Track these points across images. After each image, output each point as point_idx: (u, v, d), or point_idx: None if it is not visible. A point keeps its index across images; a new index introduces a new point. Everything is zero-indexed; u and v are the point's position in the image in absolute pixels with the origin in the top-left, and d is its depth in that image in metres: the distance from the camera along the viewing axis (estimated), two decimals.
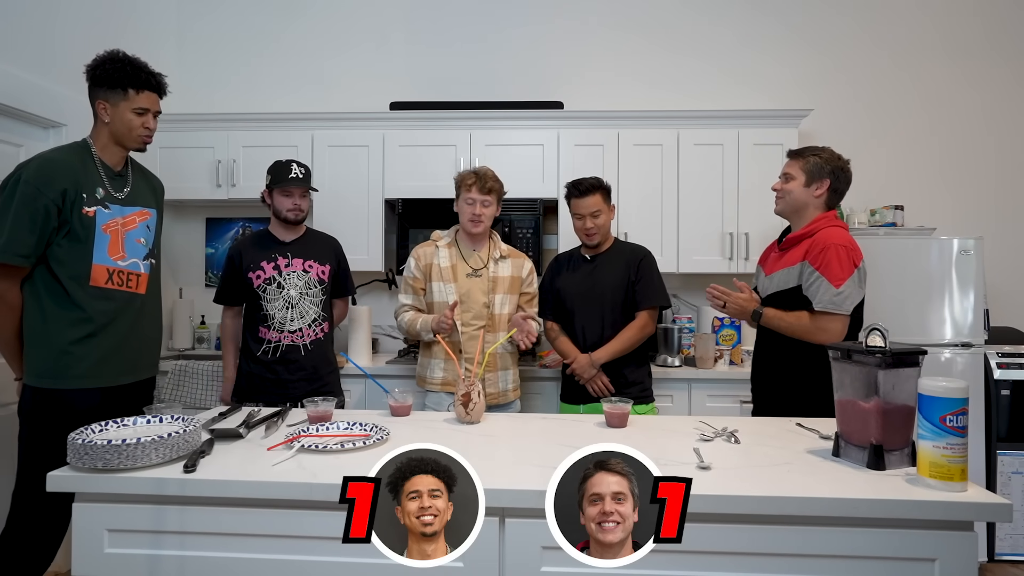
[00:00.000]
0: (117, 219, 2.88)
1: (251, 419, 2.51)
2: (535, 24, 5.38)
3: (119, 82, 2.86)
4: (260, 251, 3.55)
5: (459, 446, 1.80)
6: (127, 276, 2.90)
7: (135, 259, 2.94)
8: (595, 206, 3.50)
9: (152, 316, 3.09)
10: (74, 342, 2.76)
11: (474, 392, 2.65)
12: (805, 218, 3.09)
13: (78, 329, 2.76)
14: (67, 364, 2.75)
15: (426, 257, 3.55)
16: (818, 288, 2.88)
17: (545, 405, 4.35)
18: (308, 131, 4.90)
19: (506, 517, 1.83)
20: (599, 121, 4.82)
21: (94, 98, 2.90)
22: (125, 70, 2.86)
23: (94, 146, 2.91)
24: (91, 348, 2.79)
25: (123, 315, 2.89)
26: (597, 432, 2.50)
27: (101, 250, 2.81)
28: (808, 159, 3.08)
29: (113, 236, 2.85)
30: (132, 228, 2.94)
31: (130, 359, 2.94)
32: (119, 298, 2.87)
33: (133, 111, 2.89)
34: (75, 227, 2.74)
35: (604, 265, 3.59)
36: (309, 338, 3.52)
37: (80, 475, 1.92)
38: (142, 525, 1.90)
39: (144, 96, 2.92)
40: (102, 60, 2.88)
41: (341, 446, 2.19)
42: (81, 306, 2.76)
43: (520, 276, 3.58)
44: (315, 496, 1.84)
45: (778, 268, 3.10)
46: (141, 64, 2.93)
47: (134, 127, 2.91)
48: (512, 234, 4.82)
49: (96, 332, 2.80)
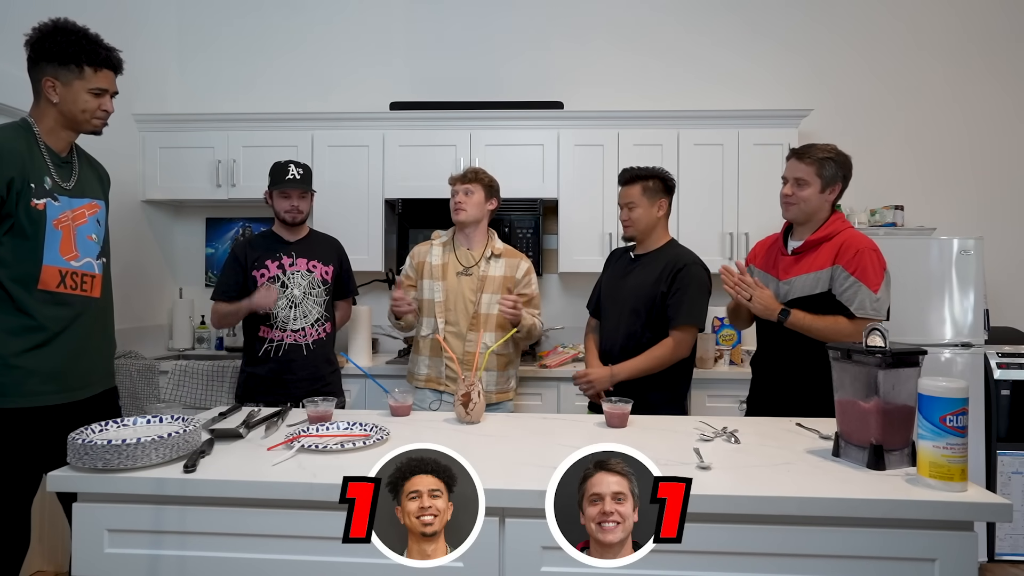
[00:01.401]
0: (67, 213, 2.53)
1: (251, 419, 2.51)
2: (535, 24, 5.39)
3: (73, 58, 2.52)
4: (265, 250, 3.56)
5: (459, 446, 1.80)
6: (81, 278, 2.57)
7: (88, 258, 2.60)
8: (630, 197, 3.30)
9: (106, 322, 2.77)
10: (19, 354, 2.41)
11: (474, 392, 2.64)
12: (815, 221, 3.01)
13: (25, 339, 2.42)
14: (14, 379, 2.41)
15: (420, 255, 3.56)
16: (856, 293, 2.82)
17: (545, 406, 4.35)
18: (308, 131, 4.90)
19: (506, 517, 1.83)
20: (599, 121, 4.82)
21: (40, 74, 2.54)
22: (80, 44, 2.53)
23: (36, 127, 2.55)
24: (41, 360, 2.46)
25: (78, 322, 2.57)
26: (597, 432, 2.50)
27: (52, 249, 2.47)
28: (823, 163, 2.94)
29: (65, 233, 2.51)
30: (83, 223, 2.59)
31: (85, 371, 2.63)
32: (73, 303, 2.55)
33: (89, 91, 2.56)
34: (21, 222, 2.40)
35: (642, 268, 3.33)
36: (311, 338, 3.52)
37: (80, 475, 1.92)
38: (142, 525, 1.90)
39: (102, 75, 2.59)
40: (50, 31, 2.54)
41: (341, 446, 2.18)
42: (29, 312, 2.42)
43: (514, 276, 3.52)
44: (315, 496, 1.84)
45: (798, 273, 2.98)
46: (96, 38, 2.59)
47: (90, 109, 2.58)
48: (512, 234, 4.82)
49: (47, 342, 2.47)
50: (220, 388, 4.37)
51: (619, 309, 3.33)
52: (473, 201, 3.46)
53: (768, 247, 3.23)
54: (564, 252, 4.83)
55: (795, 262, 3.02)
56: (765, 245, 3.26)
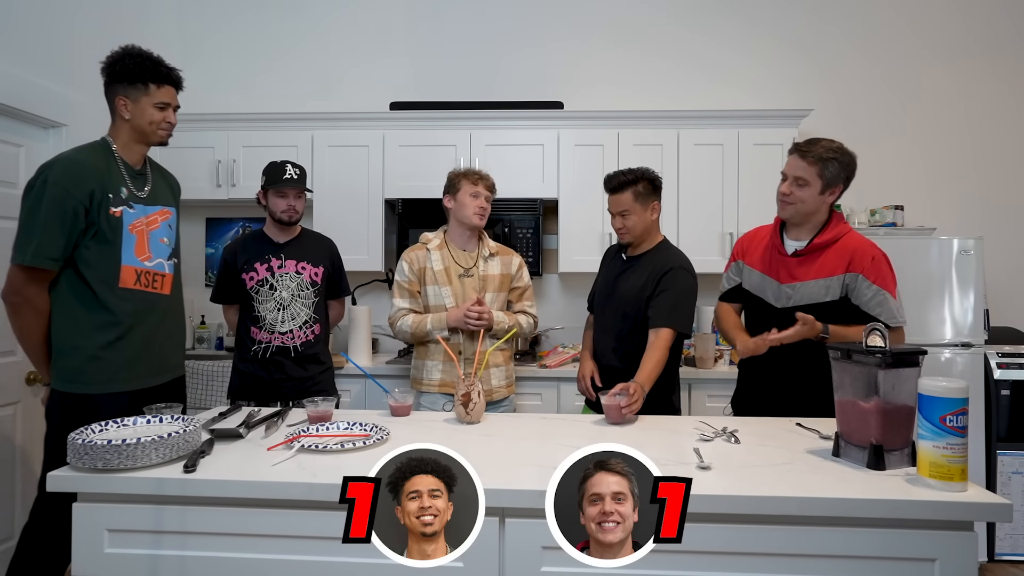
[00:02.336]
0: (141, 219, 2.84)
1: (251, 419, 2.51)
2: (535, 24, 5.39)
3: (139, 76, 2.81)
4: (254, 252, 3.54)
5: (459, 446, 1.80)
6: (153, 277, 2.87)
7: (160, 259, 2.91)
8: (623, 205, 3.21)
9: (176, 316, 3.06)
10: (103, 346, 2.72)
11: (474, 392, 2.64)
12: (814, 222, 2.89)
13: (107, 333, 2.73)
14: (97, 368, 2.71)
15: (419, 261, 3.52)
16: (884, 303, 2.75)
17: (545, 406, 4.36)
18: (308, 131, 4.91)
19: (506, 517, 1.83)
20: (599, 121, 4.83)
21: (113, 95, 2.84)
22: (145, 64, 2.82)
23: (114, 144, 2.86)
24: (119, 351, 2.75)
25: (149, 316, 2.85)
26: (597, 432, 2.50)
27: (129, 251, 2.78)
28: (826, 163, 2.77)
29: (139, 236, 2.82)
30: (155, 227, 2.91)
31: (157, 361, 2.91)
32: (145, 299, 2.84)
33: (155, 106, 2.85)
34: (102, 228, 2.70)
35: (634, 270, 3.29)
36: (300, 340, 3.51)
37: (80, 475, 1.92)
38: (142, 525, 1.90)
39: (165, 90, 2.89)
40: (119, 56, 2.82)
41: (341, 446, 2.19)
42: (110, 309, 2.72)
43: (510, 273, 3.59)
44: (315, 496, 1.84)
45: (804, 278, 2.86)
46: (158, 59, 2.90)
47: (156, 121, 2.86)
48: (512, 234, 4.82)
49: (124, 335, 2.76)
50: (220, 388, 4.38)
51: (611, 311, 3.32)
52: (489, 208, 3.52)
53: (764, 246, 3.05)
54: (564, 252, 4.84)
55: (799, 265, 2.89)
56: (758, 242, 3.10)
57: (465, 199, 3.46)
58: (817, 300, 2.83)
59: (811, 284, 2.85)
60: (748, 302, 3.11)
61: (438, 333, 3.39)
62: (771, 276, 2.98)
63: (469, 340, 3.43)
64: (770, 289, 2.97)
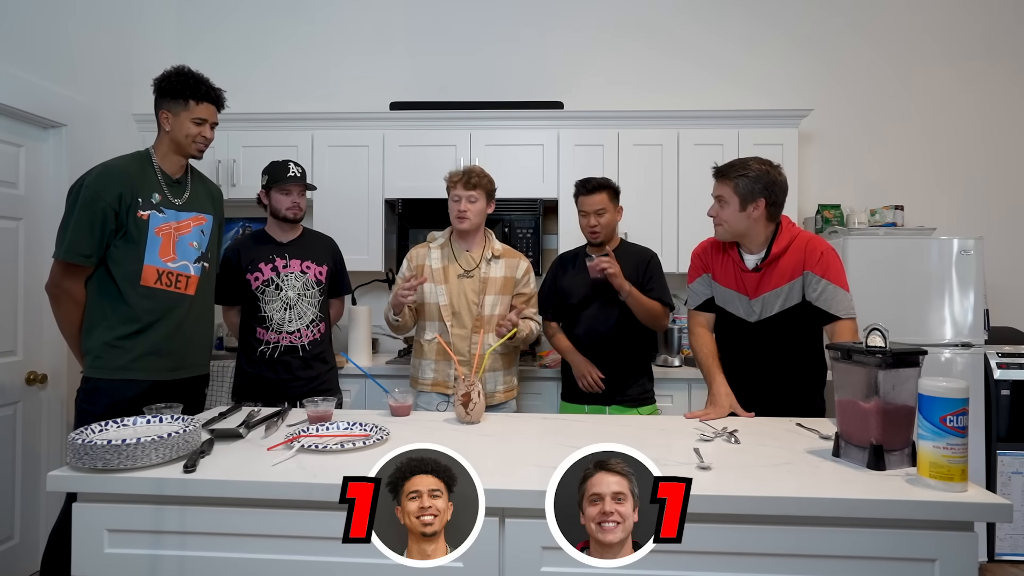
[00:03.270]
0: (171, 223, 3.03)
1: (251, 419, 2.51)
2: (535, 24, 5.39)
3: (181, 93, 3.02)
4: (258, 252, 3.54)
5: (459, 446, 1.80)
6: (176, 277, 3.02)
7: (185, 261, 3.06)
8: (600, 204, 3.51)
9: (201, 317, 3.18)
10: (122, 337, 2.90)
11: (474, 392, 2.64)
12: (756, 238, 2.91)
13: (126, 326, 2.91)
14: (112, 355, 2.89)
15: (418, 258, 3.54)
16: (834, 295, 2.78)
17: (545, 405, 4.35)
18: (308, 131, 4.91)
19: (506, 517, 1.83)
20: (599, 121, 4.83)
21: (158, 108, 3.05)
22: (188, 82, 3.04)
23: (155, 154, 3.07)
24: (136, 343, 2.91)
25: (169, 314, 2.99)
26: (597, 432, 2.50)
27: (152, 251, 2.95)
28: (736, 180, 2.86)
29: (165, 239, 3.00)
30: (186, 232, 3.08)
31: (174, 357, 3.03)
32: (166, 298, 2.99)
33: (192, 120, 3.05)
34: (130, 229, 2.90)
35: None
36: (307, 339, 3.52)
37: (80, 475, 1.92)
38: (142, 525, 1.90)
39: (203, 107, 3.08)
40: (168, 74, 3.05)
41: (341, 446, 2.19)
42: (130, 304, 2.90)
43: (514, 277, 3.54)
44: (315, 496, 1.84)
45: (768, 288, 2.90)
46: (203, 78, 3.11)
47: (191, 135, 3.05)
48: (512, 234, 4.82)
49: (143, 329, 2.93)
50: (220, 388, 4.37)
51: (601, 305, 3.57)
52: (476, 209, 3.45)
53: (723, 261, 3.08)
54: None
55: (761, 279, 2.93)
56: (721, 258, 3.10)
57: (450, 203, 3.48)
58: (785, 307, 2.89)
59: (775, 293, 2.90)
60: (720, 316, 3.13)
61: (389, 315, 3.44)
62: (740, 292, 3.00)
63: (461, 340, 3.43)
64: (741, 304, 3.00)
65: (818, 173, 5.28)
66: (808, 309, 2.86)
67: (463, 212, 3.42)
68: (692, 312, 3.21)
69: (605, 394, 3.55)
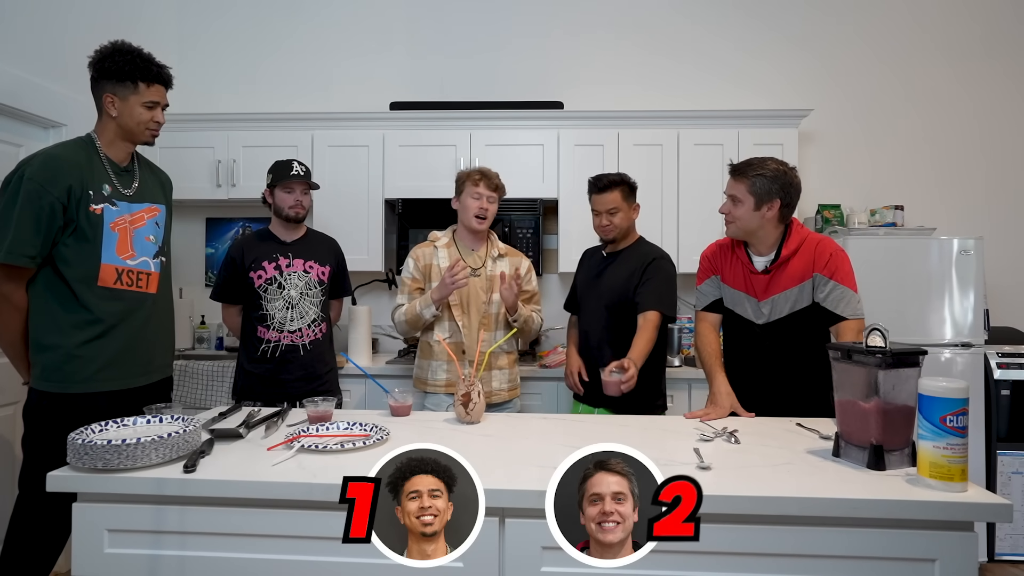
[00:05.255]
0: (125, 216, 2.81)
1: (251, 419, 2.51)
2: (535, 24, 5.39)
3: (128, 75, 2.78)
4: (262, 251, 3.55)
5: (459, 446, 1.80)
6: (137, 275, 2.83)
7: (145, 257, 2.87)
8: (612, 203, 3.39)
9: (163, 316, 3.02)
10: (81, 344, 2.68)
11: (474, 392, 2.65)
12: (766, 239, 2.92)
13: (86, 331, 2.69)
14: (75, 368, 2.67)
15: (425, 258, 3.55)
16: (842, 296, 2.79)
17: (545, 405, 4.36)
18: (308, 131, 4.91)
19: (506, 517, 1.83)
20: (599, 121, 4.83)
21: (100, 92, 2.81)
22: (135, 62, 2.79)
23: (99, 141, 2.83)
24: (99, 350, 2.72)
25: (133, 316, 2.82)
26: (597, 432, 2.50)
27: (110, 249, 2.74)
28: (753, 179, 2.84)
29: (121, 234, 2.78)
30: (140, 225, 2.87)
31: (141, 361, 2.87)
32: (129, 298, 2.80)
33: (143, 105, 2.83)
34: (82, 226, 2.67)
35: (617, 264, 3.50)
36: (308, 338, 3.52)
37: (80, 475, 1.92)
38: (142, 525, 1.90)
39: (154, 89, 2.86)
40: (109, 52, 2.78)
41: (341, 446, 2.19)
42: (88, 307, 2.69)
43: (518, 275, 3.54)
44: (315, 496, 1.85)
45: (778, 290, 2.91)
46: (149, 56, 2.86)
47: (144, 121, 2.84)
48: (512, 234, 4.83)
49: (104, 333, 2.73)
50: (220, 388, 4.38)
51: (596, 304, 3.51)
52: (494, 210, 3.51)
53: (732, 263, 3.09)
54: (564, 252, 4.83)
55: (770, 280, 2.94)
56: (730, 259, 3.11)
57: (467, 201, 3.48)
58: (795, 309, 2.90)
59: (785, 295, 2.91)
60: (729, 317, 3.13)
61: (427, 312, 3.40)
62: (749, 293, 3.02)
63: (470, 339, 3.43)
64: (750, 306, 3.01)
65: (818, 173, 5.28)
66: (818, 311, 2.86)
67: (484, 211, 3.46)
68: (699, 313, 3.22)
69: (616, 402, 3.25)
